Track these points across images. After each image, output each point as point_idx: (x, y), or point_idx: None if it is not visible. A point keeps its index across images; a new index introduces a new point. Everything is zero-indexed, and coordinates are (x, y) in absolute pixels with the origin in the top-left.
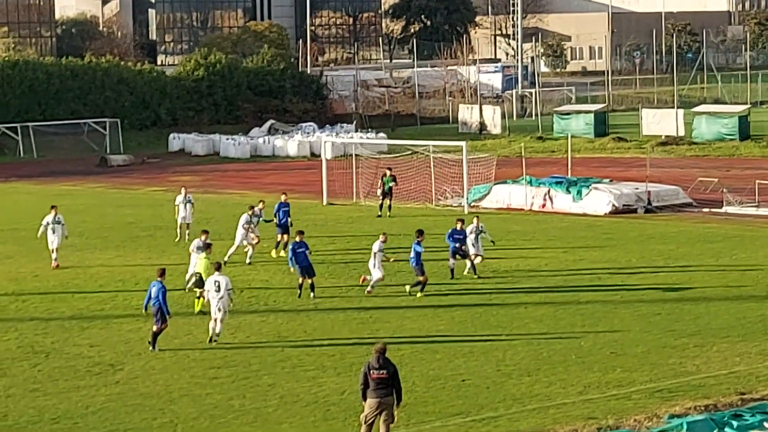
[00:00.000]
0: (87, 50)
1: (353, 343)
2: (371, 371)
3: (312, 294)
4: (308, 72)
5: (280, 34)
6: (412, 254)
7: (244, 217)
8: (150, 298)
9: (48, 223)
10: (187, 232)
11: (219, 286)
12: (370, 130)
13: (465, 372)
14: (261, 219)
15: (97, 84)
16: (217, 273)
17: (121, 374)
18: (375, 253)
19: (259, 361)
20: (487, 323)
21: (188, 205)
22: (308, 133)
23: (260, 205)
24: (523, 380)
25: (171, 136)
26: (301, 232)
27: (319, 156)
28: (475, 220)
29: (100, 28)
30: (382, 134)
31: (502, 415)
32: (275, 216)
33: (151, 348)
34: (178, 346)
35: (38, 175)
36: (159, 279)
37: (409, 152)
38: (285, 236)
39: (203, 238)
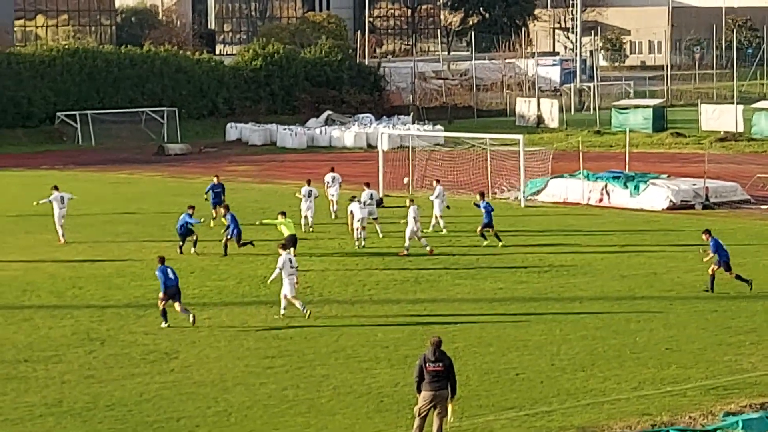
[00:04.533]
0: (146, 39)
1: (407, 335)
2: (427, 364)
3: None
4: (366, 63)
5: (338, 25)
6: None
7: None
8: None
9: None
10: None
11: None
12: (426, 122)
13: (519, 366)
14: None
15: (156, 73)
16: (286, 252)
17: (175, 362)
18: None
19: (313, 351)
20: (542, 318)
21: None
22: (365, 124)
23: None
24: (577, 375)
25: (228, 125)
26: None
27: (376, 147)
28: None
29: (160, 17)
30: (438, 126)
31: (555, 409)
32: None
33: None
34: (233, 336)
35: (96, 162)
36: (162, 265)
37: (467, 145)
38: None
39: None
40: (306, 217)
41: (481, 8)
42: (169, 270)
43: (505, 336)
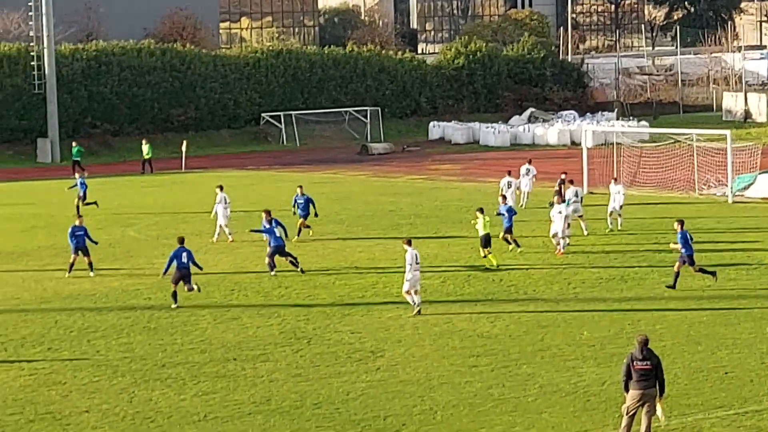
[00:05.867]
0: (349, 39)
1: (613, 333)
2: (634, 362)
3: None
4: (569, 60)
5: (540, 21)
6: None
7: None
8: (173, 261)
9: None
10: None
11: (416, 258)
12: (631, 118)
13: (728, 364)
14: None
15: (359, 73)
16: (411, 248)
17: (381, 361)
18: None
19: (518, 350)
20: (750, 315)
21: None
22: (568, 121)
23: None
24: None
25: (431, 124)
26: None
27: (580, 144)
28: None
29: (362, 17)
30: (643, 122)
31: (766, 408)
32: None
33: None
34: (438, 334)
35: (300, 163)
36: (180, 246)
37: (672, 141)
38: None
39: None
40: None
41: (685, 2)
42: (184, 253)
43: (713, 334)
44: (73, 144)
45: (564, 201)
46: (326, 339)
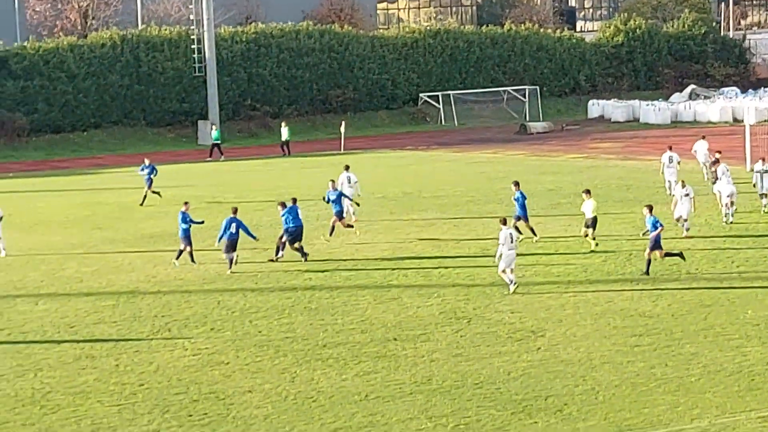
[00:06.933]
0: (506, 18)
1: None
2: None
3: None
4: (730, 36)
5: None
6: None
7: None
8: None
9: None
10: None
11: (512, 238)
12: None
13: None
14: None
15: (517, 52)
16: (506, 227)
17: (542, 341)
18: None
19: (681, 329)
20: None
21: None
22: (730, 98)
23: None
24: None
25: (590, 102)
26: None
27: (742, 121)
28: None
29: None
30: None
31: None
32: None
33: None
34: (599, 314)
35: (458, 143)
36: (233, 216)
37: None
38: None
39: None
40: (669, 182)
41: None
42: (233, 224)
43: None
44: (213, 127)
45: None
46: (486, 318)
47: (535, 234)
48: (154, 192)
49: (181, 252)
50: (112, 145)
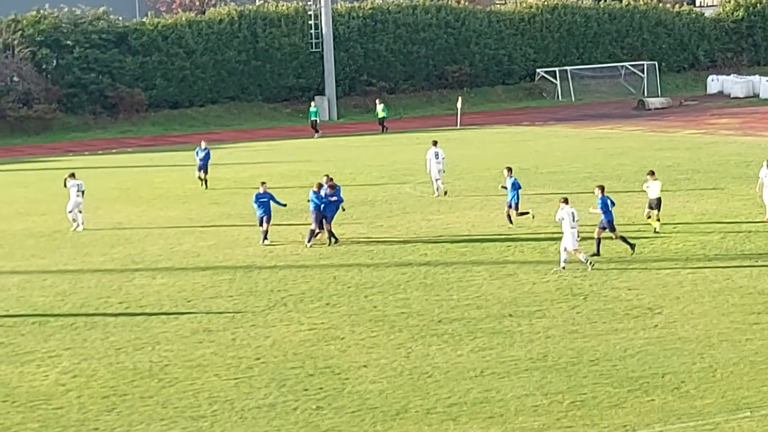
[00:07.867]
0: None
1: None
2: None
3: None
4: None
5: None
6: None
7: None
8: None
9: None
10: None
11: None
12: None
13: None
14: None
15: (635, 27)
16: (567, 206)
17: (659, 318)
18: None
19: None
20: None
21: None
22: None
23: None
24: None
25: (709, 78)
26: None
27: None
28: None
29: None
30: None
31: None
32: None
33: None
34: (718, 291)
35: (575, 118)
36: (315, 190)
37: None
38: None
39: None
40: None
41: None
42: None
43: None
44: (312, 104)
45: None
46: (603, 295)
47: (511, 222)
48: (200, 179)
49: (312, 232)
50: (228, 120)
